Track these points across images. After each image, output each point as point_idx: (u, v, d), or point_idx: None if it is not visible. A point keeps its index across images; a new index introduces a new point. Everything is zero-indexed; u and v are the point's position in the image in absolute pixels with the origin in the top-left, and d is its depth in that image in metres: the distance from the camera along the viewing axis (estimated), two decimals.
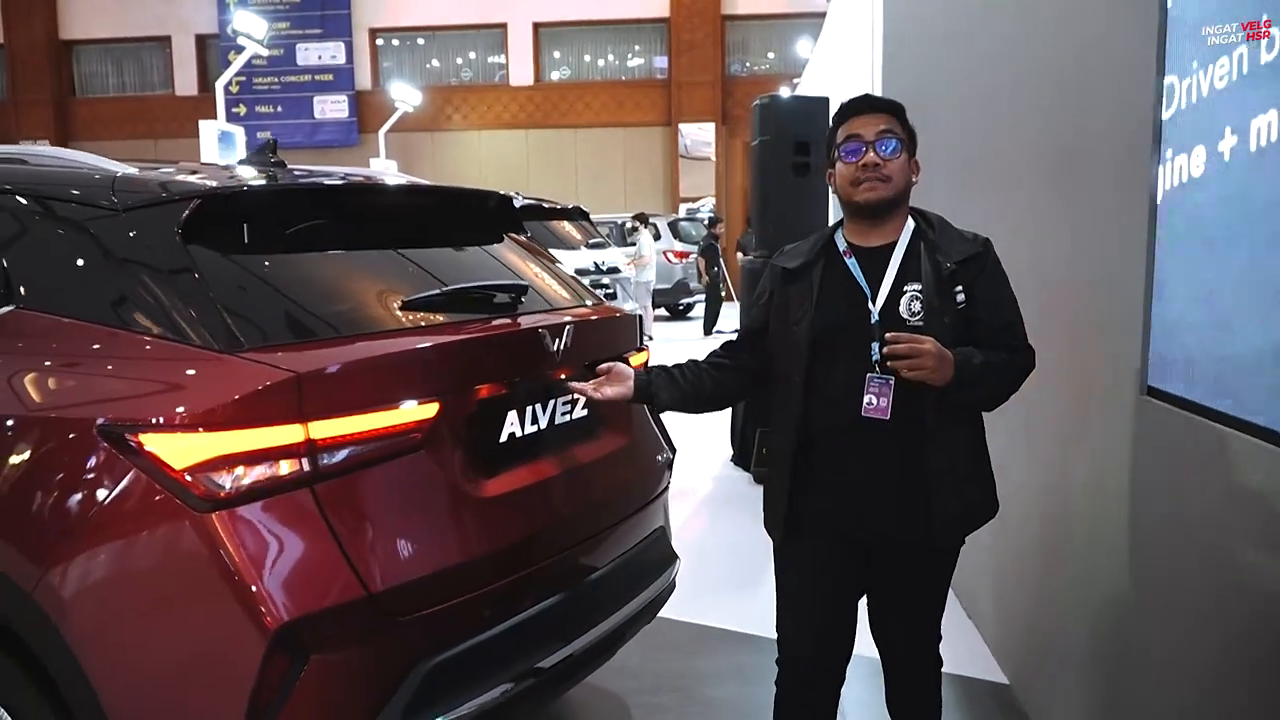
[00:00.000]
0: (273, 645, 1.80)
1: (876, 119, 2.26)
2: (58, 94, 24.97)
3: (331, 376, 1.97)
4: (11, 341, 2.10)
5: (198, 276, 2.01)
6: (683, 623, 3.77)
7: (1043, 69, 3.01)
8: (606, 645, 2.53)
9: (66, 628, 1.87)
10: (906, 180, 2.28)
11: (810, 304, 2.29)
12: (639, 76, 24.17)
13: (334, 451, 1.94)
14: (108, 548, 1.88)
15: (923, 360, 2.10)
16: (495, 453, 2.30)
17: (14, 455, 1.98)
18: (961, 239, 2.27)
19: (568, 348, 2.47)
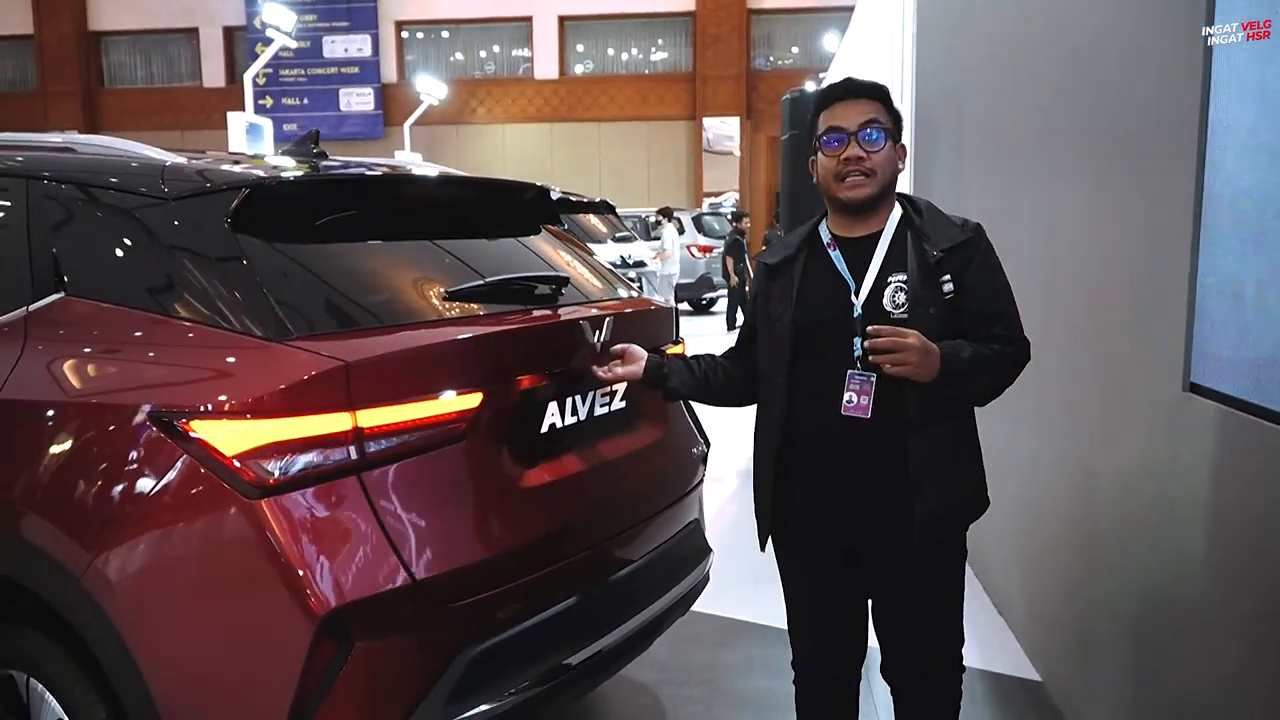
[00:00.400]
0: (319, 631, 1.82)
1: (860, 106, 2.15)
2: (86, 85, 25.22)
3: (378, 365, 1.98)
4: (62, 329, 2.13)
5: (246, 265, 2.03)
6: (712, 615, 3.78)
7: (1085, 58, 2.98)
8: (643, 637, 2.54)
9: (114, 612, 1.90)
10: (892, 170, 2.18)
11: (791, 299, 2.22)
12: (663, 70, 24.14)
13: (381, 440, 1.96)
14: (156, 533, 1.90)
15: (906, 355, 2.02)
16: (536, 443, 2.32)
17: (64, 441, 2.02)
18: (949, 225, 2.18)
19: (608, 339, 2.48)
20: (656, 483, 2.74)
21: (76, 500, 1.98)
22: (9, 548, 2.04)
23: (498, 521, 2.16)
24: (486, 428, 2.15)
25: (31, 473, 2.04)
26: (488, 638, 2.07)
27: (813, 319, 2.19)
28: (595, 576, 2.41)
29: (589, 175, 22.76)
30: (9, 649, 2.11)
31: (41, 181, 2.29)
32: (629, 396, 2.62)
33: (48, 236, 2.22)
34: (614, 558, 2.52)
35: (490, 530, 2.14)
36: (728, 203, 21.61)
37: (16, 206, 2.29)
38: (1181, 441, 2.32)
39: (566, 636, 2.26)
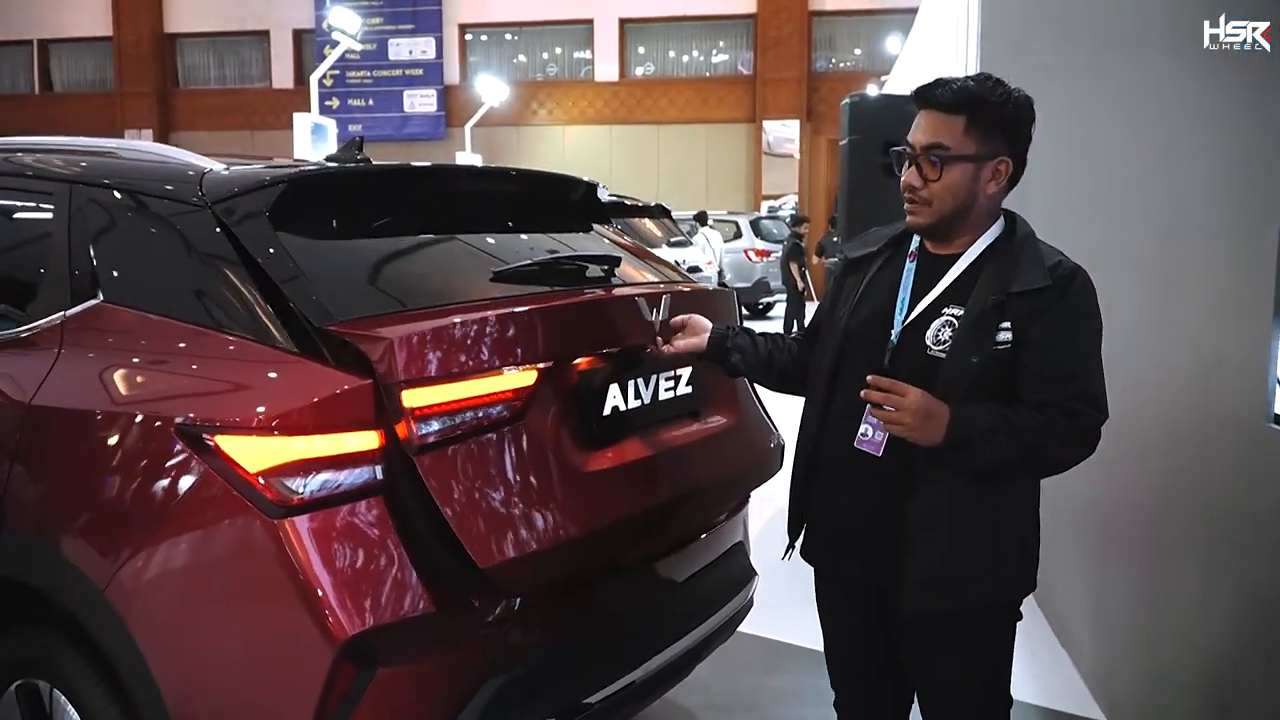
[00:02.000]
0: (340, 657, 1.75)
1: (932, 121, 1.88)
2: (161, 86, 25.80)
3: (425, 342, 1.88)
4: (95, 336, 2.10)
5: (280, 267, 1.97)
6: (760, 638, 3.66)
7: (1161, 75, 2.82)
8: (683, 664, 2.45)
9: (134, 627, 1.85)
10: (958, 200, 1.88)
11: (852, 303, 2.03)
12: (724, 73, 23.98)
13: (427, 423, 1.86)
14: (179, 549, 1.86)
15: (900, 415, 1.79)
16: (600, 427, 2.21)
17: (92, 452, 1.98)
18: (1033, 266, 1.85)
19: (666, 318, 2.33)
20: (729, 472, 2.60)
21: (102, 512, 1.94)
22: (37, 557, 2.02)
23: (557, 510, 2.04)
24: (542, 410, 2.06)
25: (59, 482, 2.02)
26: (517, 666, 1.99)
27: (859, 332, 1.99)
28: (633, 603, 2.32)
29: (648, 178, 22.68)
30: (35, 658, 2.08)
31: (82, 186, 2.26)
32: (695, 381, 2.49)
33: (87, 241, 2.19)
34: (659, 577, 2.42)
35: (549, 520, 2.02)
36: (787, 206, 21.38)
37: (59, 211, 2.27)
38: (1264, 476, 2.17)
39: (601, 665, 2.17)
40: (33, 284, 2.27)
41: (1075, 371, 1.84)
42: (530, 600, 2.03)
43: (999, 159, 1.89)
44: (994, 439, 1.79)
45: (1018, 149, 1.92)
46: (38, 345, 2.15)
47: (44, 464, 2.05)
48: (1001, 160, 1.90)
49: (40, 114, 25.19)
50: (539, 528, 1.99)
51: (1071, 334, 1.85)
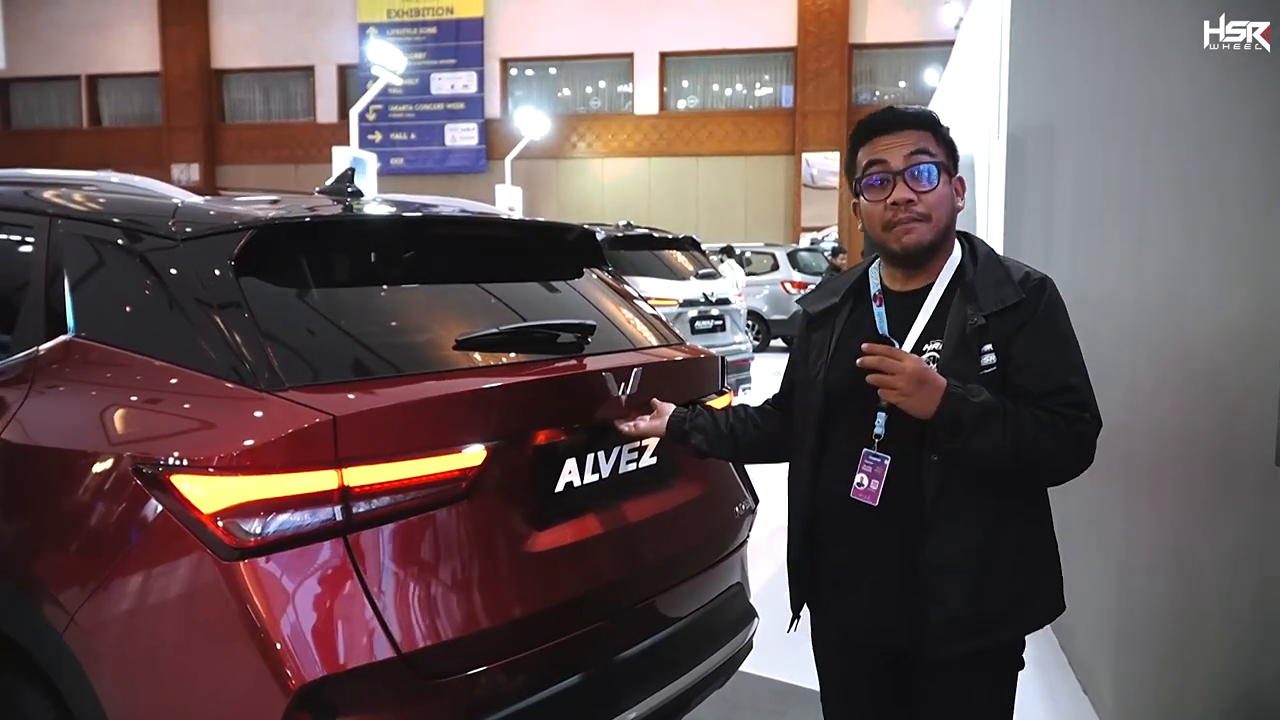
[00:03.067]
0: (294, 705, 1.69)
1: (904, 138, 1.83)
2: (208, 120, 26.38)
3: (370, 419, 1.86)
4: (64, 371, 2.08)
5: (244, 311, 1.94)
6: (768, 679, 3.55)
7: (1183, 111, 2.73)
8: (669, 714, 2.34)
9: (91, 670, 1.81)
10: (949, 211, 1.86)
11: (826, 356, 1.95)
12: (763, 105, 24.02)
13: (370, 499, 1.83)
14: (135, 592, 1.81)
15: (895, 379, 1.72)
16: (550, 504, 2.16)
17: (53, 490, 1.95)
18: (1001, 283, 1.82)
19: (634, 391, 2.31)
20: (690, 545, 2.55)
21: (62, 552, 1.92)
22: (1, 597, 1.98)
23: (501, 590, 2.00)
24: (491, 488, 2.00)
25: (23, 520, 1.99)
26: (482, 717, 1.91)
27: (843, 383, 1.90)
28: (610, 650, 2.23)
29: (686, 210, 22.71)
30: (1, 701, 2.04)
31: (60, 219, 2.25)
32: (660, 452, 2.44)
33: (61, 275, 2.18)
34: (634, 629, 2.33)
35: (492, 600, 1.98)
36: (829, 238, 21.28)
37: (39, 244, 2.26)
38: (1276, 519, 2.05)
39: (571, 717, 2.09)
40: (11, 318, 2.26)
41: (1066, 382, 1.79)
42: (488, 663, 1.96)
43: (957, 176, 1.90)
44: (991, 418, 1.72)
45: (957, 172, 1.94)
46: (12, 380, 2.13)
47: (9, 502, 2.02)
48: (958, 178, 1.90)
49: (88, 147, 25.87)
50: (474, 612, 1.93)
51: (1054, 346, 1.81)
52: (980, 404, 1.72)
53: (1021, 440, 1.73)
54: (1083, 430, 1.79)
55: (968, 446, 1.74)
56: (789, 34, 23.04)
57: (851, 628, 1.96)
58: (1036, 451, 1.75)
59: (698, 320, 8.16)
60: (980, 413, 1.72)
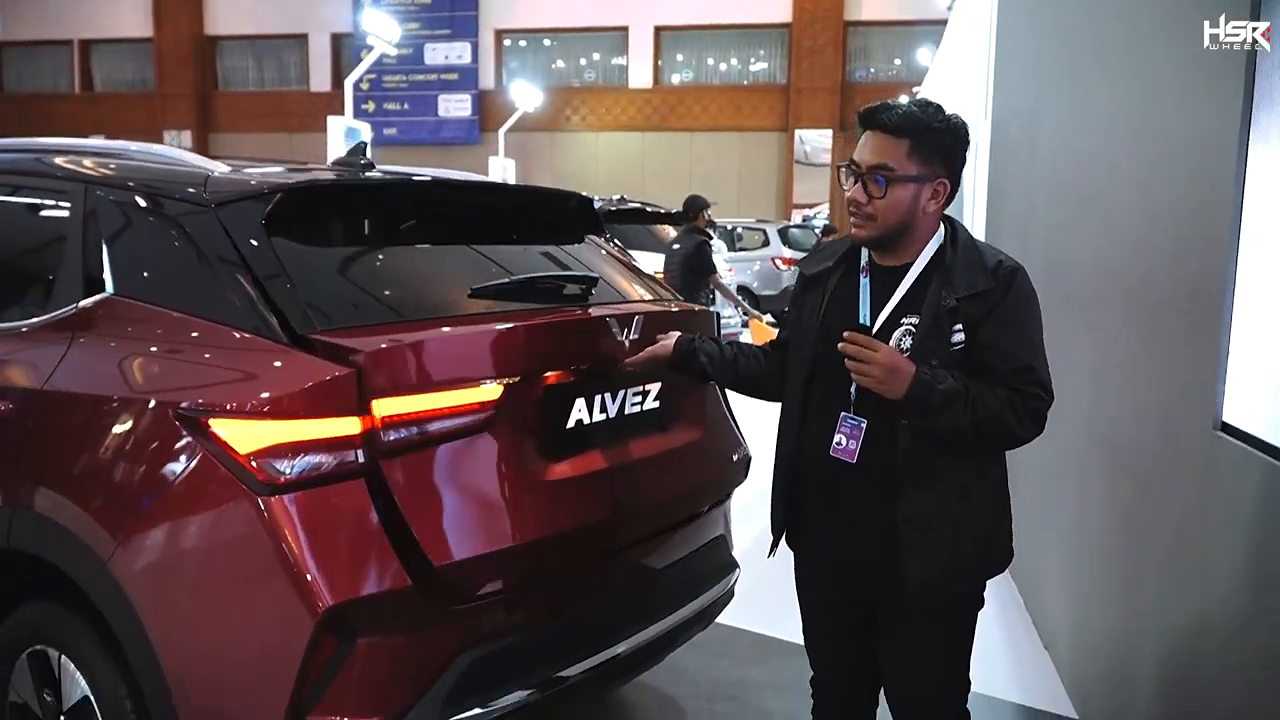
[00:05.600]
0: (320, 627, 1.89)
1: (879, 143, 1.99)
2: (201, 87, 26.31)
3: (396, 355, 2.04)
4: (104, 326, 2.26)
5: (274, 269, 2.12)
6: (747, 631, 3.77)
7: (1130, 98, 2.92)
8: (656, 649, 2.56)
9: (135, 597, 2.01)
10: (900, 215, 2.01)
11: (817, 318, 2.14)
12: (758, 81, 24.08)
13: (397, 429, 2.01)
14: (176, 525, 2.01)
15: (870, 368, 1.93)
16: (561, 439, 2.34)
17: (99, 434, 2.13)
18: (977, 269, 2.01)
19: (637, 337, 2.47)
20: (690, 485, 2.74)
21: (107, 489, 2.10)
22: (48, 532, 2.17)
23: (513, 516, 2.19)
24: (506, 422, 2.19)
25: (70, 462, 2.17)
26: (491, 642, 2.12)
27: (825, 350, 2.08)
28: (608, 586, 2.44)
29: (680, 185, 22.69)
30: (45, 628, 2.24)
31: (97, 186, 2.42)
32: (663, 397, 2.62)
33: (99, 238, 2.35)
34: (629, 567, 2.54)
35: (504, 525, 2.18)
36: (820, 216, 21.41)
37: (75, 209, 2.43)
38: (1212, 483, 2.24)
39: (573, 645, 2.29)
40: (51, 277, 2.43)
41: (1026, 363, 2.00)
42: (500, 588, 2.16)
43: (938, 180, 2.03)
44: (955, 402, 1.93)
45: (954, 171, 2.06)
46: (53, 333, 2.31)
47: (56, 445, 2.20)
48: (940, 181, 2.04)
49: (81, 114, 25.82)
50: (495, 531, 2.14)
51: (1018, 330, 2.01)
52: (945, 389, 1.93)
53: (981, 417, 1.95)
54: (1037, 406, 2.00)
55: (934, 424, 1.95)
56: (784, 10, 23.08)
57: (832, 574, 2.17)
58: (995, 426, 1.97)
59: None
60: (944, 397, 1.93)
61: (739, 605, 3.08)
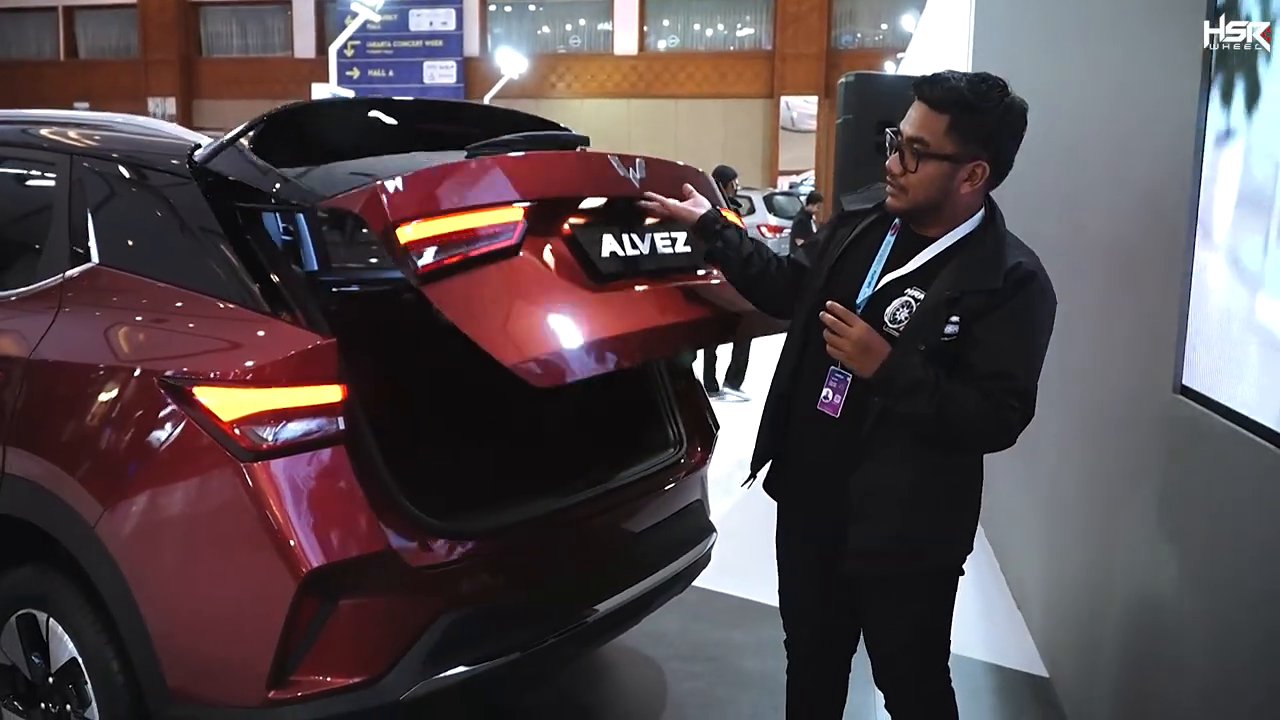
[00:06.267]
0: (302, 589, 1.94)
1: (921, 115, 1.94)
2: (185, 53, 26.05)
3: (412, 183, 2.03)
4: (90, 296, 2.29)
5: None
6: (725, 595, 3.85)
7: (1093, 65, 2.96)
8: (632, 612, 2.62)
9: (122, 561, 2.06)
10: (931, 193, 1.96)
11: (833, 258, 2.11)
12: (743, 48, 23.96)
13: (425, 252, 1.98)
14: (161, 490, 2.06)
15: (842, 342, 1.93)
16: (599, 268, 2.31)
17: (86, 402, 2.17)
18: (990, 265, 1.95)
19: (644, 176, 2.42)
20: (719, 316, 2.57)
21: (94, 456, 2.14)
22: (36, 497, 2.21)
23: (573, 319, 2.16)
24: (538, 247, 2.19)
25: (57, 430, 2.21)
26: (470, 604, 2.18)
27: (833, 291, 2.05)
28: (585, 549, 2.50)
29: (665, 152, 22.16)
30: (33, 592, 2.29)
31: (82, 157, 2.45)
32: (692, 244, 2.55)
33: (85, 208, 2.38)
34: (608, 531, 2.60)
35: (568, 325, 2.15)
36: (806, 183, 21.38)
37: (61, 180, 2.45)
38: (1172, 445, 2.30)
39: (549, 608, 2.36)
40: (38, 247, 2.46)
41: (1008, 369, 1.92)
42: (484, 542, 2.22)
43: (975, 162, 1.95)
44: (919, 391, 1.89)
45: (998, 155, 1.97)
46: (41, 302, 2.34)
47: (44, 412, 2.24)
48: (978, 164, 1.95)
49: (64, 80, 25.56)
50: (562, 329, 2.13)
51: (1012, 335, 1.93)
52: (912, 376, 1.90)
53: (946, 414, 1.90)
54: (1009, 417, 1.93)
55: (896, 408, 1.94)
56: None
57: (804, 515, 2.19)
58: (959, 426, 1.93)
59: None
60: (911, 383, 1.90)
61: (720, 569, 3.15)
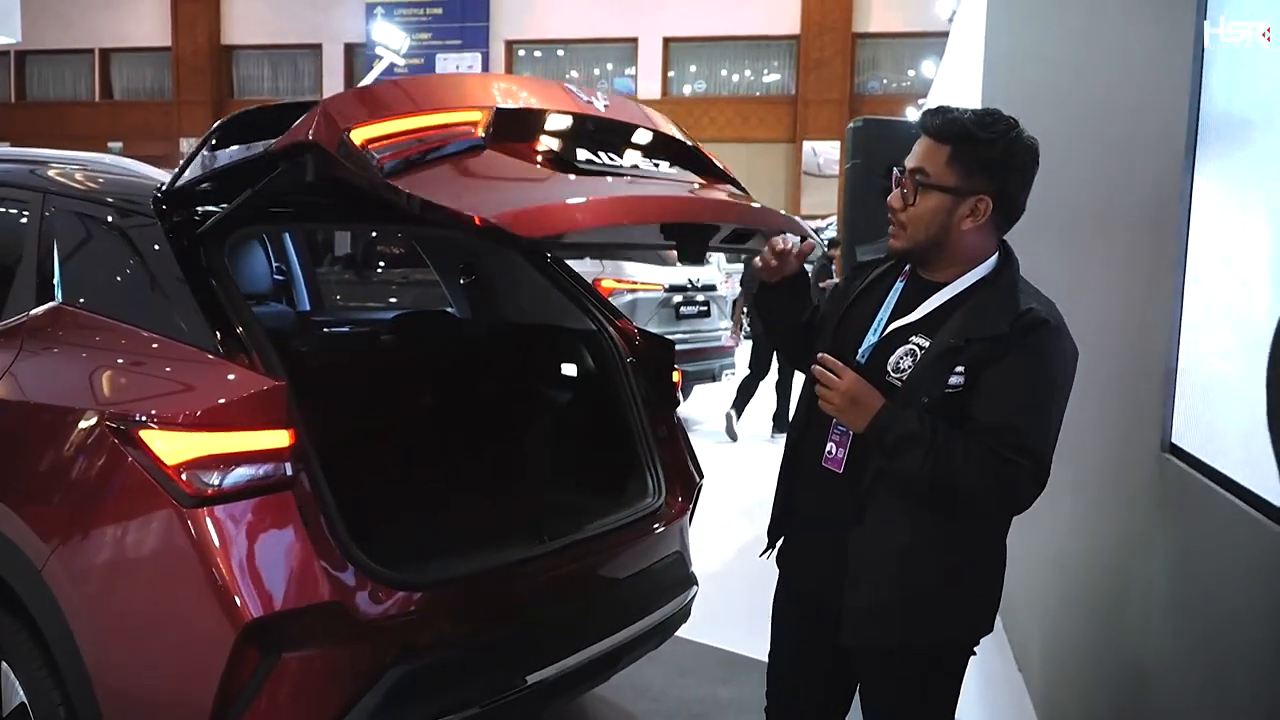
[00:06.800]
0: (242, 640, 1.89)
1: (923, 147, 1.86)
2: (217, 95, 26.52)
3: (353, 97, 1.96)
4: (50, 335, 2.27)
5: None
6: (714, 648, 3.74)
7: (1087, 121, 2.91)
8: (600, 667, 2.54)
9: (66, 605, 2.01)
10: (932, 230, 1.85)
11: (842, 308, 2.02)
12: (766, 93, 24.10)
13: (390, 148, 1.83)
14: (105, 535, 2.01)
15: (830, 394, 1.83)
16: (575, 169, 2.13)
17: (37, 442, 2.15)
18: (999, 311, 1.81)
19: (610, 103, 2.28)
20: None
21: (43, 499, 2.11)
22: None
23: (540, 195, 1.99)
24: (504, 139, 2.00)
25: (9, 471, 2.17)
26: (418, 657, 2.11)
27: (840, 344, 1.96)
28: (547, 599, 2.43)
29: None
30: None
31: (54, 195, 2.44)
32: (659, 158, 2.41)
33: (52, 246, 2.36)
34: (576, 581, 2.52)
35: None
36: (830, 228, 21.31)
37: (33, 217, 2.45)
38: (1160, 505, 2.22)
39: (510, 660, 2.28)
40: (8, 285, 2.45)
41: (1013, 422, 1.77)
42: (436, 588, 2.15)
43: (978, 196, 1.84)
44: (912, 446, 1.75)
45: (1002, 189, 1.86)
46: (6, 341, 2.32)
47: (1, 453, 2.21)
48: (980, 199, 1.84)
49: (100, 121, 26.08)
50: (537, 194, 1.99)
51: (1018, 384, 1.79)
52: (904, 430, 1.77)
53: (942, 472, 1.75)
54: (1013, 474, 1.76)
55: (890, 465, 1.81)
56: (792, 22, 23.10)
57: (801, 581, 2.06)
58: (958, 486, 1.76)
59: (683, 306, 8.29)
60: (901, 437, 1.76)
61: (709, 622, 3.06)
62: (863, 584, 1.87)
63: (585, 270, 7.85)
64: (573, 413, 3.07)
